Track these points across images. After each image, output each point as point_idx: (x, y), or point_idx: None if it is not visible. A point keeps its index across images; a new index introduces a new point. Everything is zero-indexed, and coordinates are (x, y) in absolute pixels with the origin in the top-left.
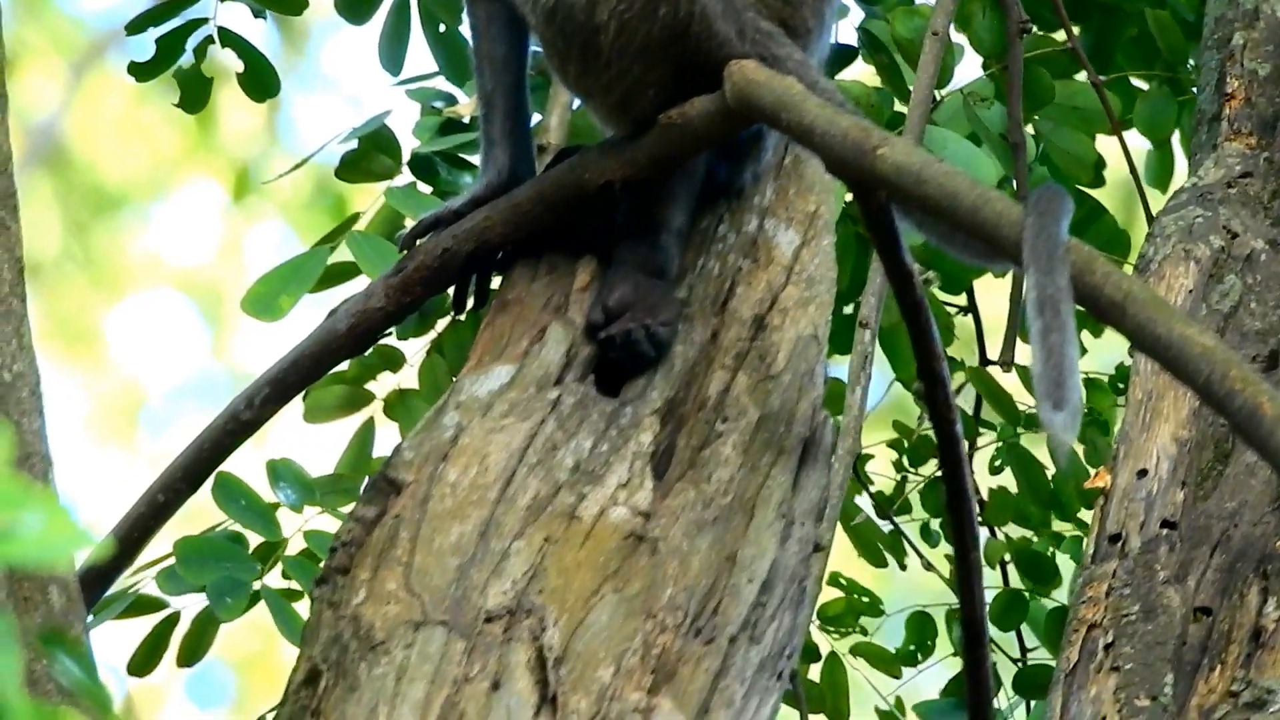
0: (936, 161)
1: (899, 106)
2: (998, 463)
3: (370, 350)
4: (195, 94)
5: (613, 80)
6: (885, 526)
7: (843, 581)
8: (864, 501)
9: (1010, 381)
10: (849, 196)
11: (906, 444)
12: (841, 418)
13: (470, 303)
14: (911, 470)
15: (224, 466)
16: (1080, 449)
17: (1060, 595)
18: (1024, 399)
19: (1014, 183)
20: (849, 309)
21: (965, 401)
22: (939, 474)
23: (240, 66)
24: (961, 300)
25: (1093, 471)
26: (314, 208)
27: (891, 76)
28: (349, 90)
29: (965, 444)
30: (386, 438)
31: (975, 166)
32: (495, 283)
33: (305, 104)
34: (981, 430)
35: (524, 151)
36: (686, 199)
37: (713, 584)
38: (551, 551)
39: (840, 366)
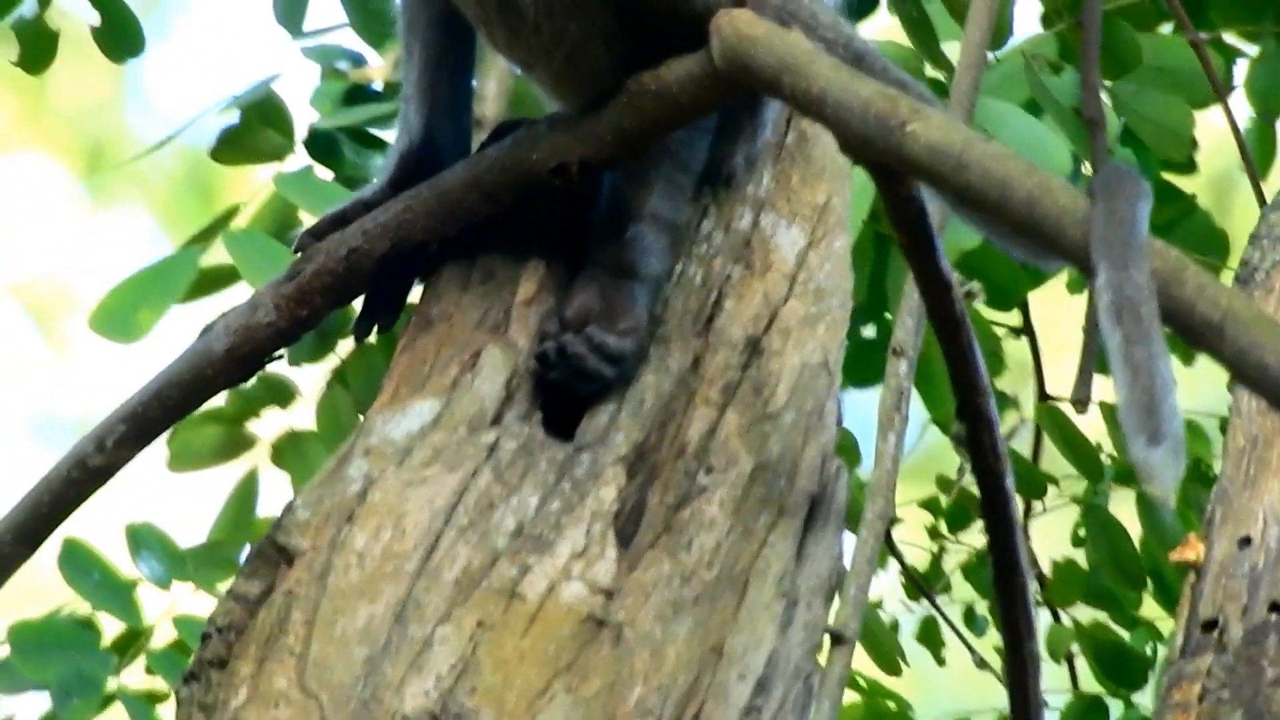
0: (983, 140)
1: (933, 72)
2: (1080, 531)
3: (254, 379)
4: (38, 51)
5: (548, 44)
6: (919, 610)
7: (862, 683)
8: (888, 579)
9: (1084, 424)
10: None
11: (943, 503)
12: (863, 470)
13: (383, 320)
14: (951, 538)
15: (69, 528)
16: (1169, 505)
17: (1142, 699)
18: (1102, 442)
19: (1088, 168)
20: (869, 329)
21: (1021, 447)
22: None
23: (95, 18)
24: (1014, 318)
25: (1185, 539)
26: (183, 197)
27: (923, 33)
28: (223, 48)
29: (1019, 502)
30: (275, 492)
31: (1038, 147)
32: (416, 293)
33: (165, 65)
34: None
35: (448, 111)
36: (668, 181)
37: (693, 682)
38: (487, 639)
39: (858, 401)
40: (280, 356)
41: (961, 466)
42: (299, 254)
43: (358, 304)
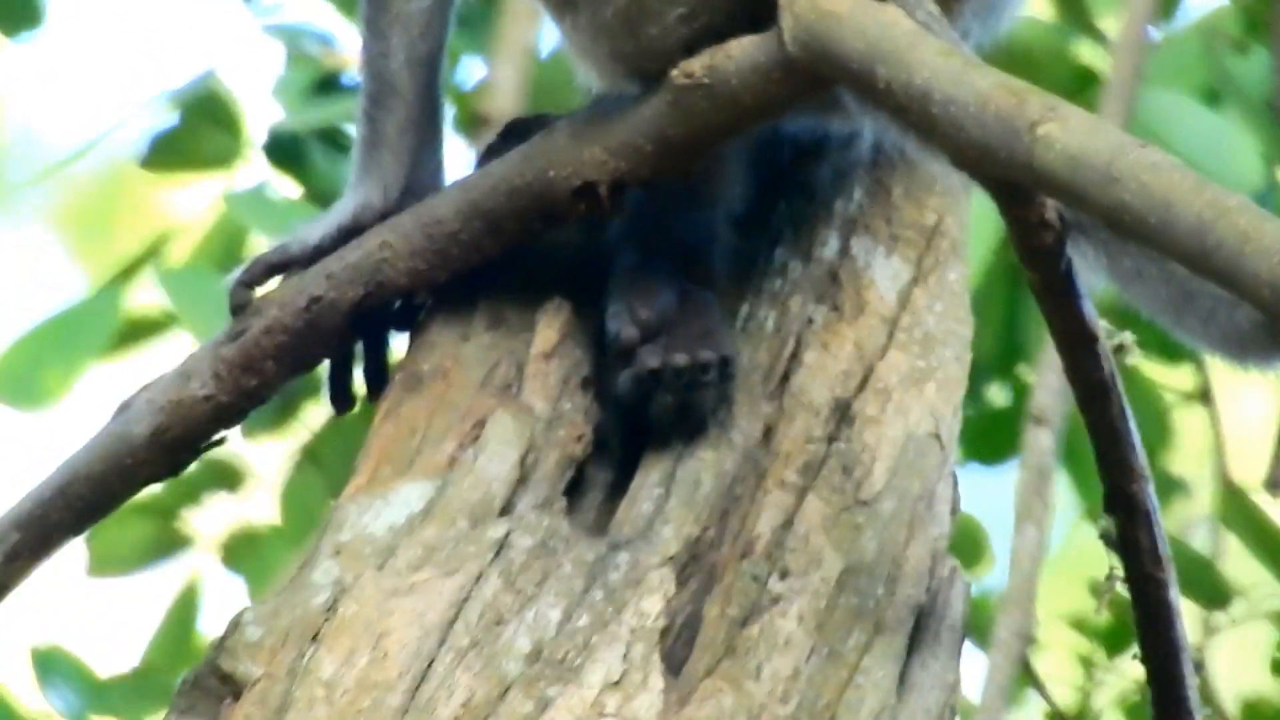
0: (1138, 147)
1: (1087, 55)
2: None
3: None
4: None
5: None
6: None
7: None
8: (1025, 715)
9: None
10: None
11: (1095, 621)
12: (995, 572)
13: (369, 385)
14: (1107, 662)
15: None
16: None
17: None
18: None
19: None
20: (1000, 390)
21: (1198, 547)
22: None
23: None
24: (1188, 379)
25: None
26: (102, 219)
27: (1072, 5)
28: (148, 26)
29: (1182, 618)
30: (224, 601)
31: (1217, 150)
32: (400, 347)
33: (65, 48)
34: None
35: (430, 156)
36: (744, 166)
37: None
38: None
39: (986, 484)
40: (224, 440)
41: (1111, 572)
42: (239, 310)
43: (324, 369)
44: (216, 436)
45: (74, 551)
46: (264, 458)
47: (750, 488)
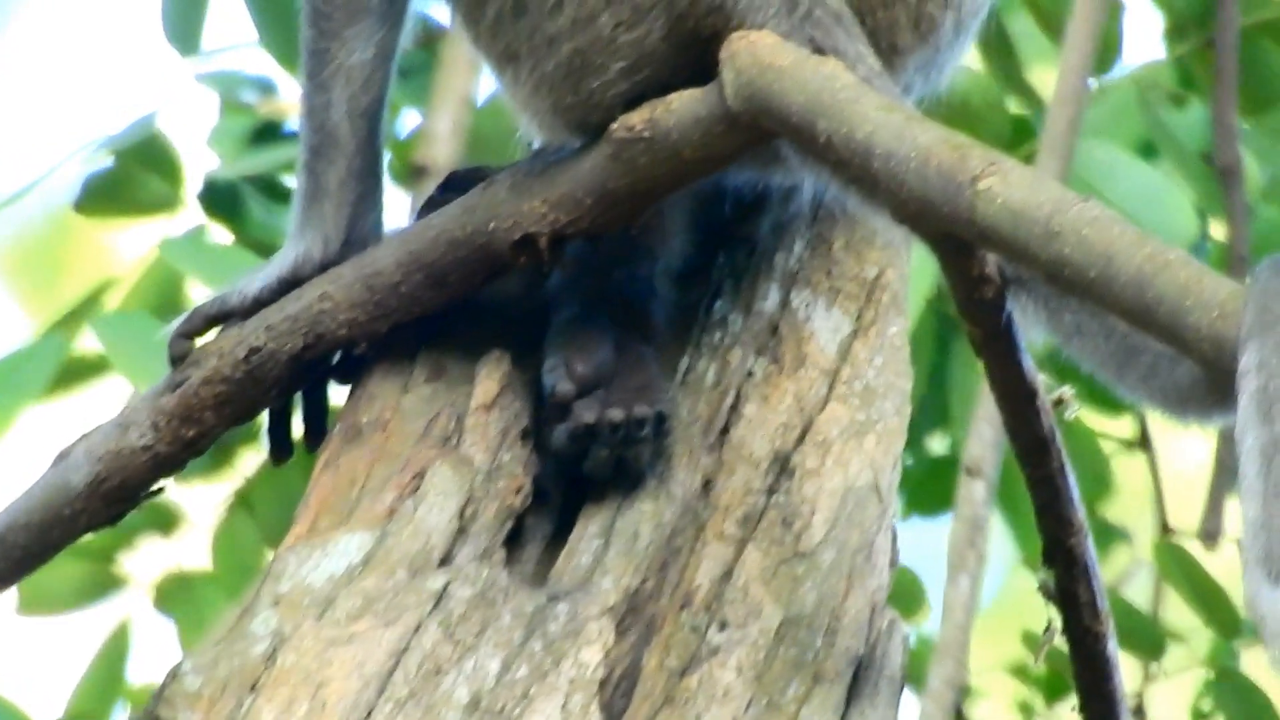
0: (1079, 202)
1: (1018, 108)
2: (1204, 704)
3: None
4: None
5: (560, 32)
6: None
7: None
8: None
9: (1219, 562)
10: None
11: (1032, 669)
12: (931, 621)
13: (308, 437)
14: (1046, 711)
15: None
16: None
17: None
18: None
19: (1224, 232)
20: (937, 442)
21: (1138, 593)
22: None
23: None
24: (1128, 427)
25: None
26: (48, 265)
27: (1004, 56)
28: (84, 70)
29: (1120, 670)
30: (157, 647)
31: (1155, 204)
32: (339, 396)
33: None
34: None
35: (371, 208)
36: (684, 222)
37: None
38: None
39: (923, 535)
40: (162, 490)
41: (1050, 625)
42: (178, 360)
43: (263, 419)
44: (155, 486)
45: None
46: (197, 502)
47: (689, 539)
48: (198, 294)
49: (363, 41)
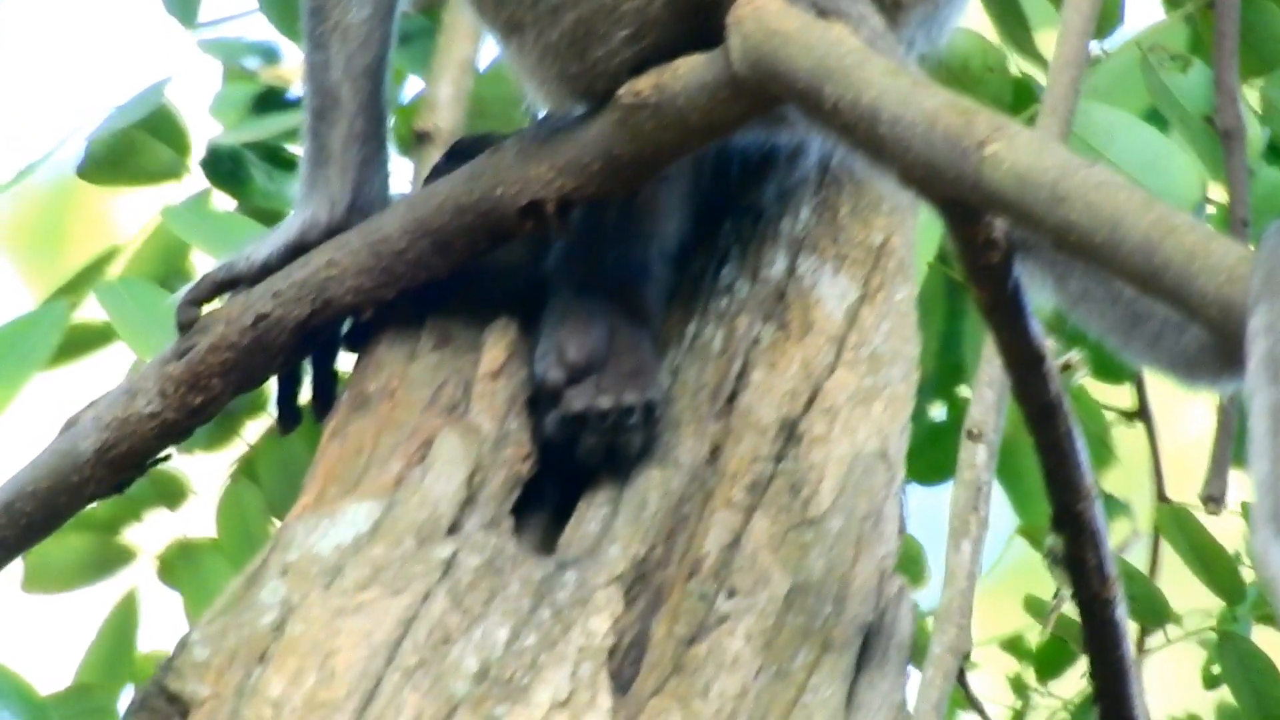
0: (1086, 166)
1: (1026, 68)
2: (1214, 668)
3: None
4: None
5: (564, 2)
6: None
7: None
8: None
9: (1220, 529)
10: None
11: (1037, 640)
12: (932, 590)
13: (315, 405)
14: (1040, 687)
15: None
16: None
17: None
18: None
19: (1226, 196)
20: (941, 409)
21: (1137, 559)
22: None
23: None
24: (1126, 397)
25: None
26: (48, 231)
27: (1010, 18)
28: (89, 39)
29: (1131, 637)
30: (163, 620)
31: (1158, 168)
32: (346, 366)
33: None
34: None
35: (376, 171)
36: (680, 203)
37: None
38: None
39: (929, 503)
40: (168, 457)
41: (1059, 591)
42: (186, 327)
43: (271, 386)
44: (162, 453)
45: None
46: (203, 473)
47: (697, 507)
48: (201, 262)
49: None
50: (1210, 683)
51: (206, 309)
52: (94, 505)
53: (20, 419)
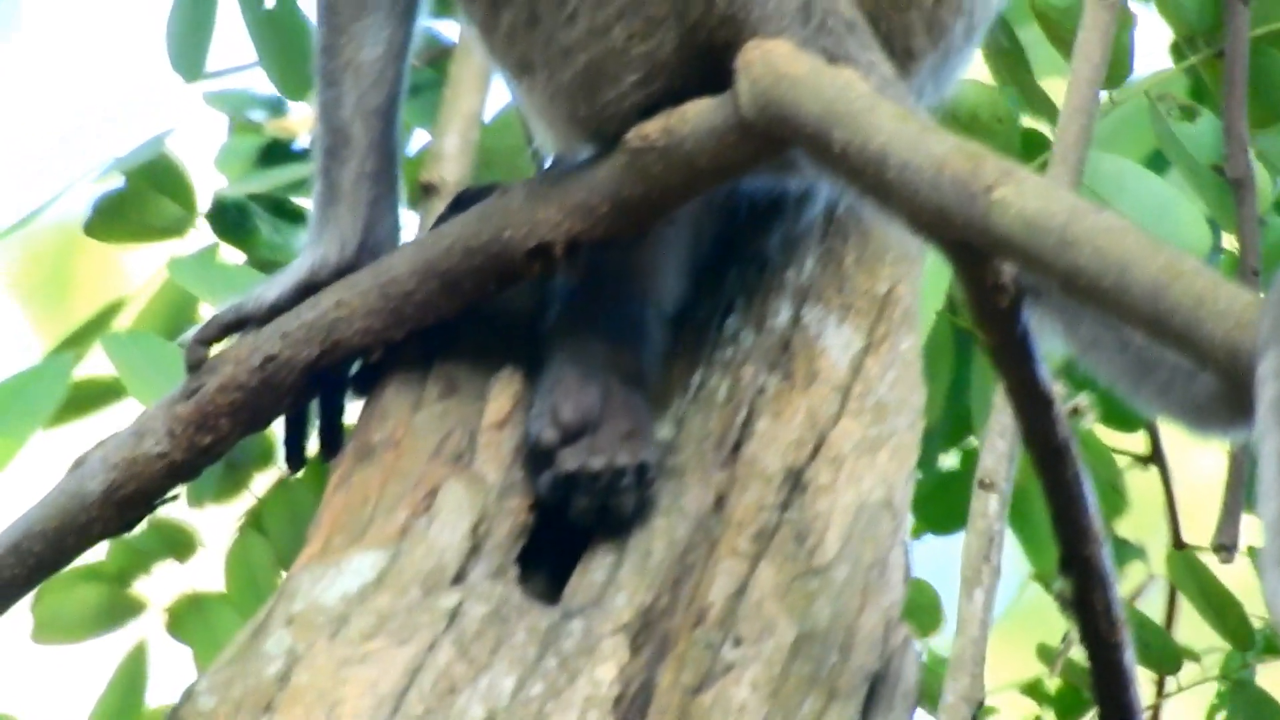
0: (1093, 211)
1: (1030, 121)
2: (1219, 718)
3: (143, 526)
4: None
5: (576, 42)
6: None
7: None
8: None
9: (1230, 576)
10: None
11: (1047, 685)
12: (945, 637)
13: (323, 447)
14: None
15: None
16: None
17: None
18: (1255, 605)
19: (1236, 244)
20: (950, 458)
21: (1152, 610)
22: None
23: None
24: (1140, 443)
25: None
26: (58, 286)
27: (1016, 67)
28: (94, 89)
29: (1137, 682)
30: (172, 672)
31: (1166, 215)
32: (353, 414)
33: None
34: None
35: (387, 212)
36: (678, 265)
37: None
38: None
39: (938, 552)
40: (175, 497)
41: (1067, 635)
42: (195, 367)
43: (276, 428)
44: (170, 494)
45: (19, 618)
46: (211, 525)
47: (703, 556)
48: (208, 314)
49: (371, 37)
50: None
51: (215, 350)
52: (103, 558)
53: (24, 474)
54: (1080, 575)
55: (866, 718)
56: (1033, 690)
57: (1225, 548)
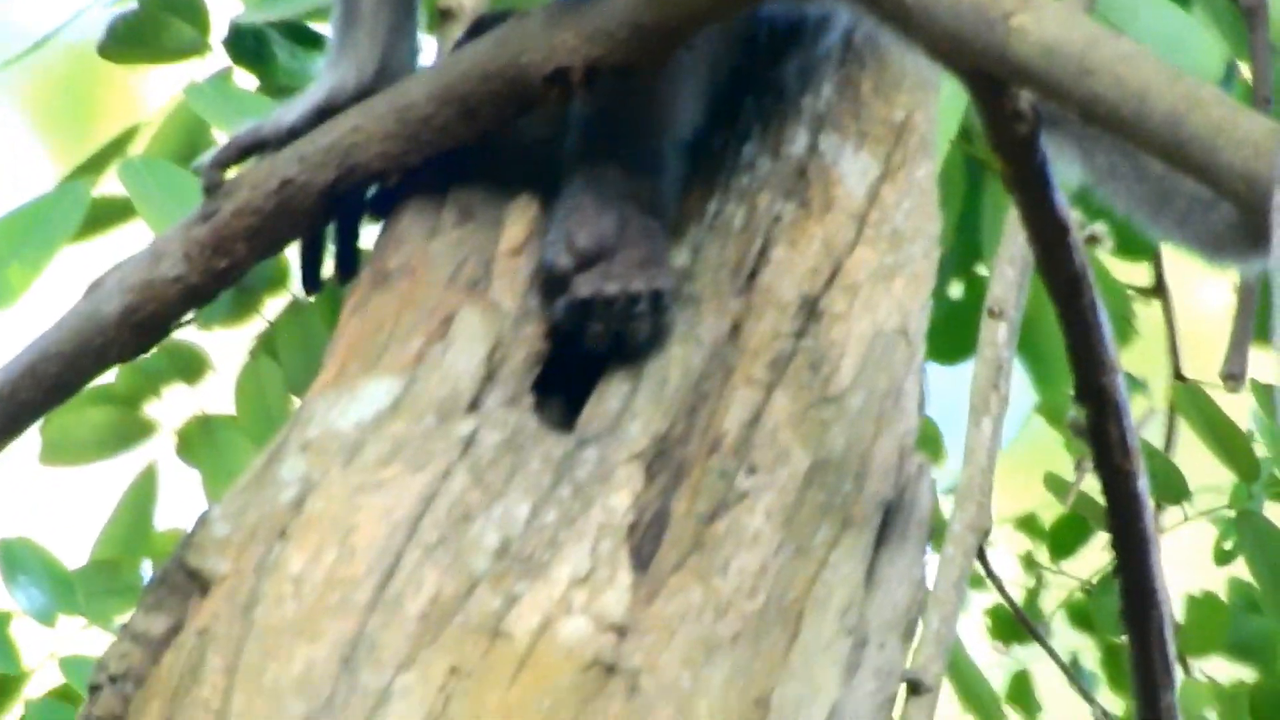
0: (1113, 39)
1: None
2: (1227, 544)
3: (156, 348)
4: None
5: None
6: (1020, 653)
7: None
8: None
9: (1235, 406)
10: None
11: (1052, 518)
12: (950, 467)
13: (338, 270)
14: (1052, 567)
15: None
16: None
17: None
18: (1258, 439)
19: (1248, 74)
20: (960, 287)
21: (1153, 436)
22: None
23: None
24: (1143, 275)
25: None
26: (76, 109)
27: None
28: None
29: (1150, 511)
30: (182, 496)
31: (1179, 44)
32: (368, 239)
33: None
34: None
35: (405, 38)
36: (696, 93)
37: None
38: (462, 691)
39: (948, 381)
40: (190, 321)
41: (1080, 463)
42: (211, 191)
43: (292, 253)
44: (183, 319)
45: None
46: (222, 348)
47: (718, 384)
48: (223, 140)
49: None
50: (1222, 559)
51: (232, 173)
52: (113, 380)
53: (44, 298)
54: (1096, 405)
55: (880, 546)
56: (1028, 525)
57: (1233, 377)
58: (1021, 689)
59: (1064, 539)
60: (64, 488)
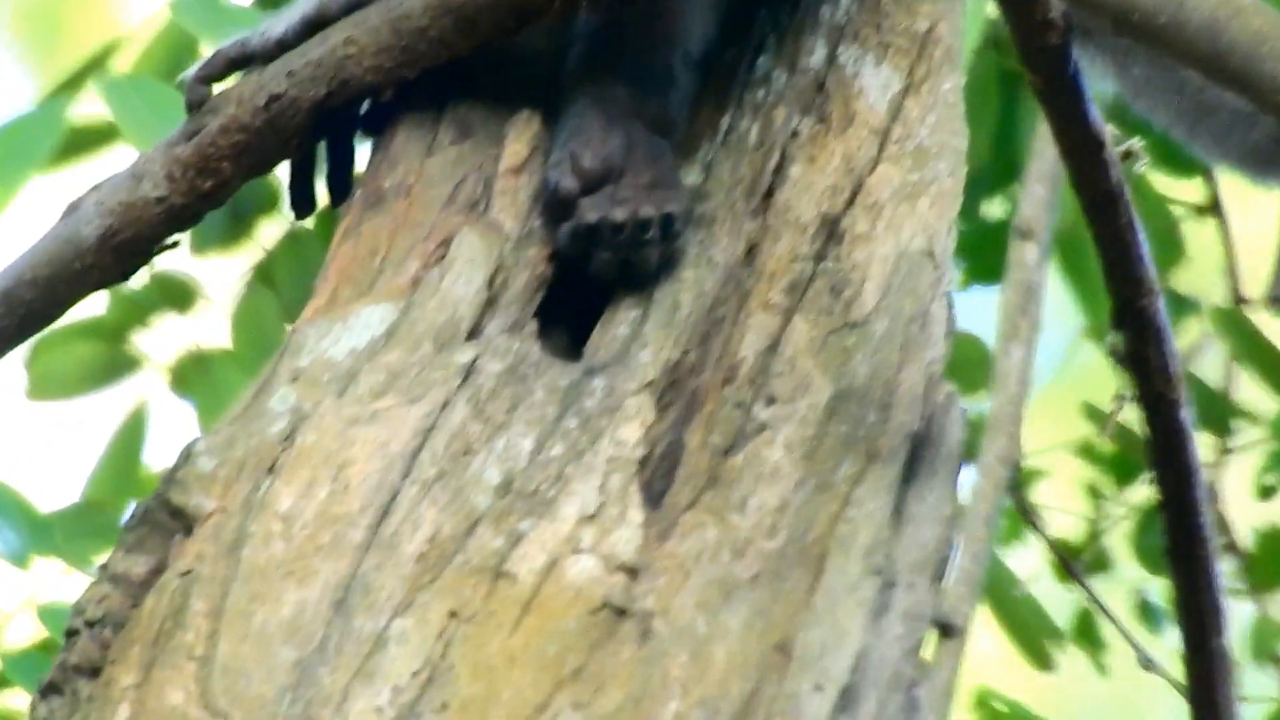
0: None
1: None
2: (1268, 479)
3: (143, 277)
4: None
5: None
6: (1066, 597)
7: (995, 702)
8: (1029, 552)
9: None
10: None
11: (1099, 448)
12: (982, 398)
13: (320, 194)
14: (1107, 496)
15: None
16: None
17: None
18: None
19: None
20: (995, 205)
21: (1209, 369)
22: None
23: None
24: (1197, 192)
25: None
26: (54, 25)
27: None
28: None
29: (1195, 440)
30: (172, 429)
31: None
32: (361, 159)
33: None
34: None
35: None
36: (706, 4)
37: (750, 694)
38: (463, 636)
39: (979, 306)
40: (175, 245)
41: (1120, 394)
42: (195, 107)
43: (282, 172)
44: (169, 240)
45: (12, 375)
46: (215, 277)
47: (733, 309)
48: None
49: None
50: (1263, 493)
51: (218, 88)
52: (98, 309)
53: (18, 222)
54: (1135, 329)
55: (907, 480)
56: (1085, 451)
57: (1278, 300)
58: (1083, 626)
59: (1122, 465)
60: (57, 430)
